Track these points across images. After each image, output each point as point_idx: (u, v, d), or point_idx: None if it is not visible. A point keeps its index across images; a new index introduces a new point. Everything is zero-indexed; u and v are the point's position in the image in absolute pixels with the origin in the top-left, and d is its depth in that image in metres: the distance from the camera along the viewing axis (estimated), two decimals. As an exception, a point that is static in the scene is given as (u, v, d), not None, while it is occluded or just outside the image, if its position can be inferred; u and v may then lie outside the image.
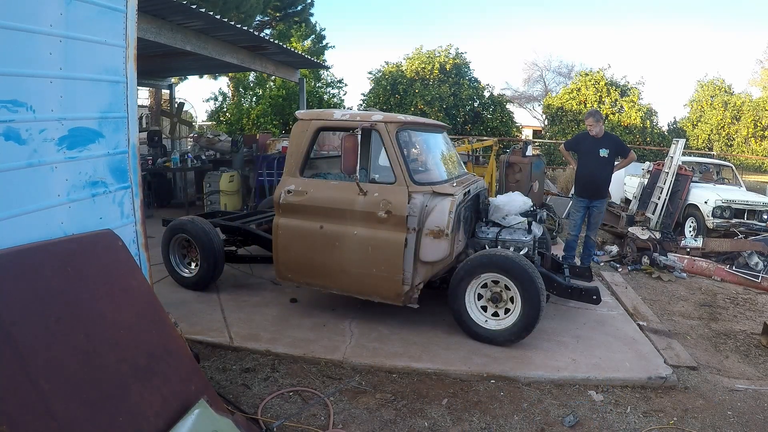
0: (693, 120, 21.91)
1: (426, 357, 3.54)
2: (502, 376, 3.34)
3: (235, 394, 3.06)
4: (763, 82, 25.77)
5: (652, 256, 6.34)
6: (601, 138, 5.57)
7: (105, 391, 1.94)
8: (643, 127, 17.96)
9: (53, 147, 2.28)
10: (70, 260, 2.18)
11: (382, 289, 3.79)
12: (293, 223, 4.00)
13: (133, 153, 2.79)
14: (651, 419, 2.97)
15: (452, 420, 2.89)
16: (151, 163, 8.71)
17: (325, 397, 3.04)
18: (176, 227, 4.78)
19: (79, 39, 2.37)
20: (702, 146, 20.38)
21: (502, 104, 18.73)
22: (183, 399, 2.16)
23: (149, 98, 16.33)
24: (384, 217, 3.66)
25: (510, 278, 3.63)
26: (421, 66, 17.76)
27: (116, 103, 2.65)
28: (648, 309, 4.74)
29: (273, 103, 16.35)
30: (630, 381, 3.36)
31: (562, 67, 26.33)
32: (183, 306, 4.34)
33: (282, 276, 4.16)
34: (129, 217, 2.77)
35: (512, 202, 4.60)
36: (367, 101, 18.34)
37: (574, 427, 2.87)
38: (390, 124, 3.81)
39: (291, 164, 4.08)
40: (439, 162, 4.52)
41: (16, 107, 2.08)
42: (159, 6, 5.92)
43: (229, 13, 12.81)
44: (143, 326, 2.27)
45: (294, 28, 18.43)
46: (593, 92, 18.79)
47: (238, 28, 7.27)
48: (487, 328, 3.73)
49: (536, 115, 25.28)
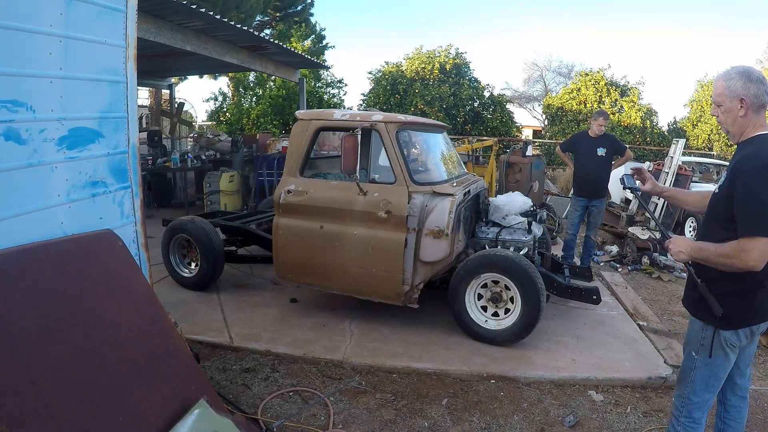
0: (693, 120, 21.89)
1: (426, 357, 3.55)
2: (502, 376, 3.34)
3: (235, 394, 3.06)
4: (763, 82, 25.71)
5: (652, 256, 6.34)
6: (598, 137, 5.61)
7: (105, 391, 1.94)
8: (643, 127, 17.96)
9: (53, 147, 2.28)
10: (70, 260, 2.18)
11: (382, 289, 3.79)
12: (293, 223, 4.00)
13: (133, 153, 2.78)
14: (651, 419, 2.97)
15: (452, 420, 2.90)
16: (151, 163, 8.71)
17: (325, 397, 3.04)
18: (176, 227, 4.79)
19: (79, 39, 2.37)
20: (702, 146, 20.37)
21: (502, 104, 18.72)
22: (183, 399, 2.15)
23: (149, 98, 16.34)
24: (384, 217, 3.66)
25: (510, 278, 3.63)
26: (421, 66, 17.75)
27: (116, 103, 2.65)
28: (648, 309, 4.74)
29: (273, 103, 16.35)
30: (630, 381, 3.36)
31: (562, 67, 26.31)
32: (183, 306, 4.34)
33: (282, 276, 4.16)
34: (129, 217, 2.77)
35: (512, 202, 4.60)
36: (367, 101, 18.33)
37: (574, 427, 2.87)
38: (390, 124, 3.81)
39: (291, 164, 4.08)
40: (439, 162, 4.52)
41: (16, 107, 2.08)
42: (159, 6, 5.92)
43: (229, 13, 12.81)
44: (143, 326, 2.27)
45: (294, 28, 18.42)
46: (593, 92, 18.78)
47: (238, 28, 7.27)
48: (487, 328, 3.73)
49: (536, 115, 25.28)
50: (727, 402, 2.26)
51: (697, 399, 2.10)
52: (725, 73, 1.93)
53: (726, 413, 2.27)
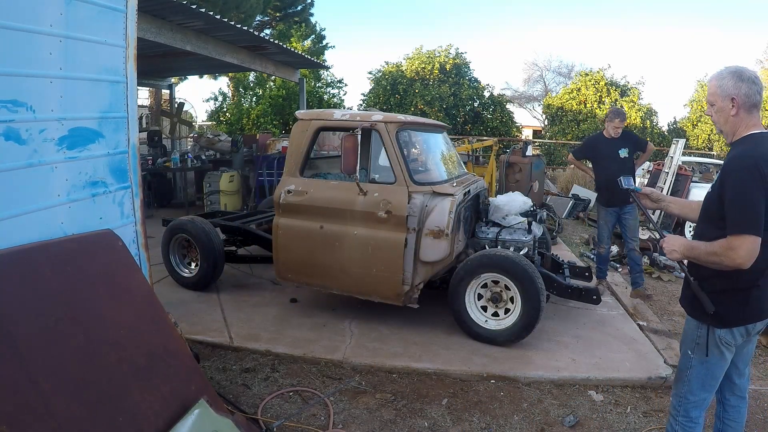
0: (693, 120, 21.88)
1: (426, 357, 3.55)
2: (502, 376, 3.34)
3: (235, 394, 3.06)
4: (763, 82, 25.77)
5: (652, 256, 6.34)
6: (618, 138, 5.08)
7: (105, 391, 1.94)
8: (643, 127, 17.96)
9: (53, 147, 2.28)
10: (70, 260, 2.18)
11: (382, 289, 3.79)
12: (293, 223, 4.00)
13: (133, 153, 2.78)
14: (651, 419, 2.97)
15: (452, 420, 2.90)
16: (151, 163, 8.71)
17: (325, 397, 3.04)
18: (176, 227, 4.79)
19: (79, 39, 2.37)
20: (702, 146, 20.36)
21: (502, 104, 18.72)
22: (183, 399, 2.15)
23: (149, 98, 16.34)
24: (384, 217, 3.66)
25: (510, 278, 3.63)
26: (421, 66, 17.75)
27: (116, 103, 2.65)
28: (648, 309, 4.74)
29: (273, 103, 16.35)
30: (630, 381, 3.36)
31: (562, 67, 26.33)
32: (183, 306, 4.34)
33: (282, 276, 4.16)
34: (129, 217, 2.77)
35: (512, 202, 4.60)
36: (367, 101, 18.34)
37: (574, 427, 2.87)
38: (390, 124, 3.81)
39: (291, 164, 4.08)
40: (439, 162, 4.52)
41: (16, 107, 2.08)
42: (159, 6, 5.92)
43: (229, 13, 12.81)
44: (143, 326, 2.27)
45: (294, 28, 18.42)
46: (593, 92, 18.79)
47: (238, 28, 7.27)
48: (487, 328, 3.73)
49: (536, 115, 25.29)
50: (725, 402, 2.26)
51: (694, 398, 2.11)
52: (718, 73, 1.96)
53: (725, 413, 2.28)
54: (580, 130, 18.27)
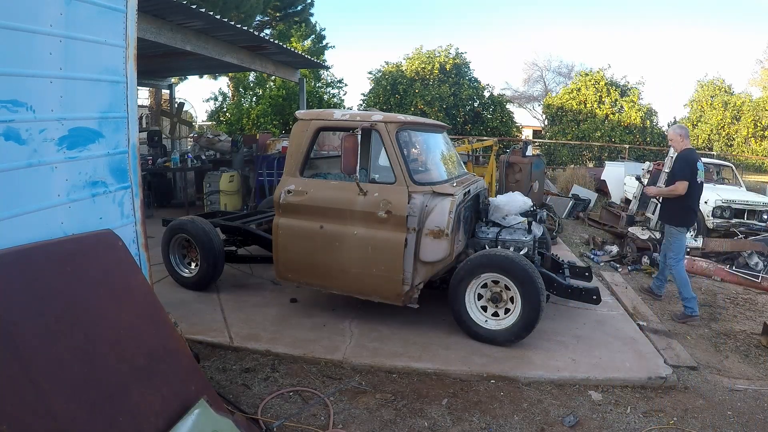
0: (693, 120, 21.91)
1: (426, 357, 3.54)
2: (502, 376, 3.34)
3: (235, 394, 3.06)
4: (763, 82, 25.81)
5: (652, 256, 6.34)
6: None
7: (105, 391, 1.94)
8: (643, 127, 17.98)
9: (53, 147, 2.28)
10: (70, 260, 2.18)
11: (382, 289, 3.78)
12: (293, 223, 4.00)
13: (133, 153, 2.78)
14: (651, 419, 2.97)
15: (452, 420, 2.89)
16: (151, 163, 8.71)
17: (325, 397, 3.04)
18: (176, 227, 4.78)
19: (79, 39, 2.37)
20: (702, 146, 20.38)
21: (502, 104, 18.74)
22: (183, 399, 2.15)
23: (149, 98, 16.33)
24: (384, 217, 3.66)
25: (510, 278, 3.63)
26: (421, 66, 17.77)
27: (116, 103, 2.65)
28: (648, 309, 4.74)
29: (273, 103, 16.35)
30: (630, 381, 3.36)
31: (562, 67, 26.39)
32: (183, 306, 4.34)
33: (282, 276, 4.16)
34: (129, 217, 2.77)
35: (512, 202, 4.60)
36: (367, 101, 18.35)
37: (574, 427, 2.87)
38: (390, 124, 3.80)
39: (291, 164, 4.08)
40: (439, 162, 4.52)
41: (16, 107, 2.08)
42: (159, 6, 5.92)
43: (229, 13, 12.81)
44: (143, 326, 2.27)
45: (294, 28, 18.43)
46: (593, 92, 18.80)
47: (238, 28, 7.28)
48: (487, 328, 3.73)
49: (536, 115, 25.31)
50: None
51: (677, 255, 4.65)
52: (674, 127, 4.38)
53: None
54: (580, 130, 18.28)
